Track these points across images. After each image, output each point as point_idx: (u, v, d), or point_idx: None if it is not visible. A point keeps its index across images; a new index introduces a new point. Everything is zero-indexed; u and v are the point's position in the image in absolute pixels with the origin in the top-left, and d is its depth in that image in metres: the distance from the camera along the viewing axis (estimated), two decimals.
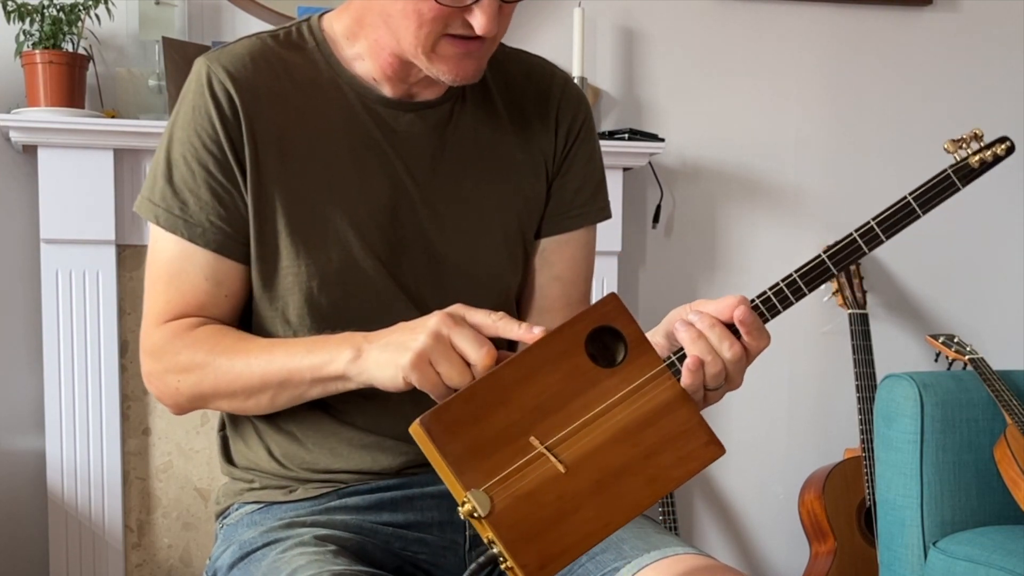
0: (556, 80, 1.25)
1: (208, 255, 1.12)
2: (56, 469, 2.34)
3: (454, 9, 1.04)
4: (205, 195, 1.11)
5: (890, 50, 2.93)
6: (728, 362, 0.98)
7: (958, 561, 2.06)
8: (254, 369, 1.08)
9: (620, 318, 0.96)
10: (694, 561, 1.04)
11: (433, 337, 0.95)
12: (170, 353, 1.12)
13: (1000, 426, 2.18)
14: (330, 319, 1.14)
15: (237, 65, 1.13)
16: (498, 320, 0.97)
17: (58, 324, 2.33)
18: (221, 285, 1.14)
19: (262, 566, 1.06)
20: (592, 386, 0.94)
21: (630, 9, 2.77)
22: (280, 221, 1.12)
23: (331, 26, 1.18)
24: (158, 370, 1.14)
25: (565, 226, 1.25)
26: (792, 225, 2.90)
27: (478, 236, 1.19)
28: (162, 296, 1.14)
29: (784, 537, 2.91)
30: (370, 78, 1.16)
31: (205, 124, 1.11)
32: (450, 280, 1.18)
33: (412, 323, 0.99)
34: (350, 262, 1.13)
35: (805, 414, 2.93)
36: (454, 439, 0.90)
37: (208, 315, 1.14)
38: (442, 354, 0.95)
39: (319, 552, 1.02)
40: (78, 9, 2.28)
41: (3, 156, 2.44)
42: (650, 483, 0.93)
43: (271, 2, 2.49)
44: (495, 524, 0.88)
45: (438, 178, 1.17)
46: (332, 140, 1.14)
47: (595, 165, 1.28)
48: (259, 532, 1.12)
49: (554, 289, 1.26)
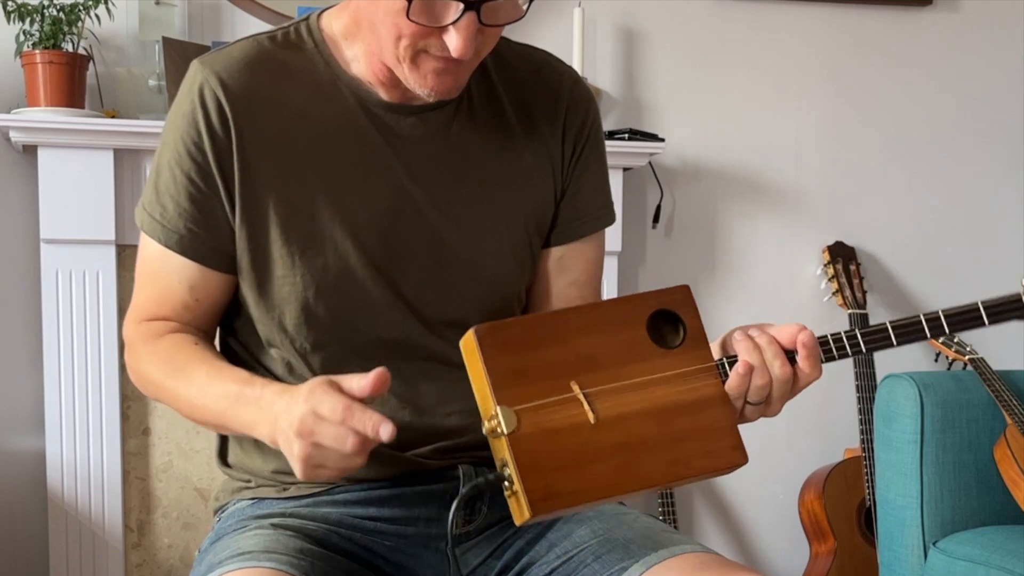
0: (565, 80, 1.23)
1: (184, 261, 1.13)
2: (56, 469, 2.34)
3: (431, 28, 1.01)
4: (184, 202, 1.11)
5: (890, 50, 2.93)
6: (776, 379, 1.00)
7: (958, 561, 2.06)
8: (195, 402, 1.10)
9: (687, 308, 1.00)
10: (703, 558, 1.03)
11: (304, 452, 0.95)
12: (134, 356, 1.16)
13: (1000, 426, 2.18)
14: (328, 328, 1.13)
15: (231, 71, 1.11)
16: (346, 418, 0.94)
17: (58, 324, 2.33)
18: (195, 290, 1.14)
19: (219, 544, 1.09)
20: (643, 359, 0.97)
21: (630, 9, 2.77)
22: (274, 230, 1.11)
23: (330, 25, 1.16)
24: (130, 364, 1.18)
25: (584, 231, 1.24)
26: (792, 225, 2.90)
27: (485, 240, 1.17)
28: (143, 292, 1.17)
29: (784, 537, 2.91)
30: (368, 80, 1.14)
31: (191, 131, 1.11)
32: (454, 285, 1.17)
33: (283, 421, 0.98)
34: (347, 270, 1.12)
35: (805, 414, 2.93)
36: (501, 355, 0.93)
37: (181, 319, 1.15)
38: (323, 459, 0.95)
39: (272, 534, 1.04)
40: (78, 9, 2.28)
41: (3, 156, 2.44)
42: (670, 464, 0.95)
43: (271, 2, 2.49)
44: (514, 444, 0.90)
45: (443, 181, 1.15)
46: (332, 144, 1.12)
47: (605, 167, 1.28)
48: (237, 520, 1.14)
49: (571, 293, 1.25)
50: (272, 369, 1.18)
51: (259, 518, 1.12)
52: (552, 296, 1.25)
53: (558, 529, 1.12)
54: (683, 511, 2.87)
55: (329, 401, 0.94)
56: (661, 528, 1.11)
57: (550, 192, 1.22)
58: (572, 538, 1.10)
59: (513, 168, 1.19)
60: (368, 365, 1.15)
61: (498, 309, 1.19)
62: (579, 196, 1.23)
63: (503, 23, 1.05)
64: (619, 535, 1.08)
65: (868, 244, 2.90)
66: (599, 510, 1.13)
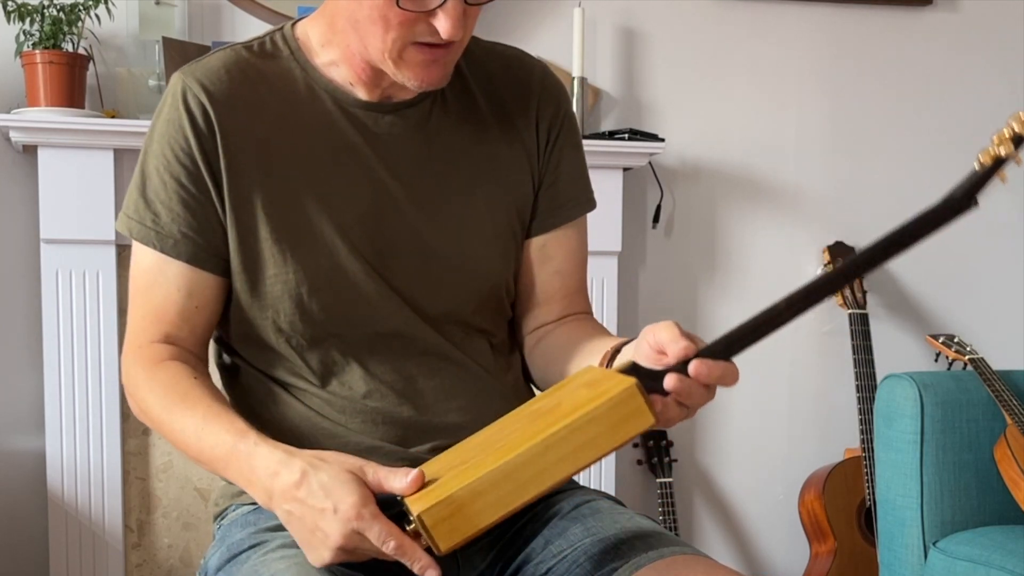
0: (535, 72, 1.25)
1: (181, 266, 1.13)
2: (56, 469, 2.34)
3: (419, 14, 1.04)
4: (177, 207, 1.12)
5: (890, 50, 2.93)
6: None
7: (958, 561, 2.06)
8: (190, 443, 1.09)
9: None
10: (692, 561, 1.03)
11: (339, 551, 0.96)
12: (133, 384, 1.16)
13: (1000, 426, 2.18)
14: (323, 324, 1.14)
15: (212, 78, 1.13)
16: (394, 550, 0.95)
17: (58, 324, 2.33)
18: (192, 297, 1.14)
19: (244, 568, 1.06)
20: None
21: (630, 9, 2.77)
22: (263, 230, 1.12)
23: (305, 33, 1.18)
24: (129, 391, 1.17)
25: (564, 218, 1.26)
26: (792, 225, 2.90)
27: (469, 233, 1.19)
28: (139, 311, 1.16)
29: (784, 537, 2.91)
30: (346, 83, 1.16)
31: (178, 137, 1.12)
32: (443, 278, 1.18)
33: (309, 517, 0.98)
34: (338, 266, 1.13)
35: (805, 414, 2.93)
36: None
37: (180, 334, 1.15)
38: (357, 555, 0.97)
39: (299, 555, 1.02)
40: (78, 9, 2.28)
41: (3, 156, 2.44)
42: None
43: (271, 2, 2.49)
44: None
45: (424, 177, 1.17)
46: (312, 146, 1.14)
47: (581, 153, 1.29)
48: (248, 533, 1.12)
49: (555, 283, 1.27)
50: (278, 377, 1.18)
51: (271, 531, 1.11)
52: (536, 284, 1.26)
53: (554, 526, 1.12)
54: (683, 511, 2.87)
55: (376, 529, 0.95)
56: (654, 529, 1.11)
57: (528, 183, 1.23)
58: (567, 536, 1.10)
59: (491, 161, 1.21)
60: (366, 361, 1.16)
61: (487, 300, 1.21)
62: (557, 184, 1.25)
63: (484, 1, 1.07)
64: (612, 535, 1.08)
65: None
66: (595, 508, 1.13)
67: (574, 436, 0.89)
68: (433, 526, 0.90)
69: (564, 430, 0.89)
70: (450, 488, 0.90)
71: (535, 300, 1.27)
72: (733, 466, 2.89)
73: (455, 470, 0.93)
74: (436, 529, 0.90)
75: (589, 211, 1.29)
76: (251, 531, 1.12)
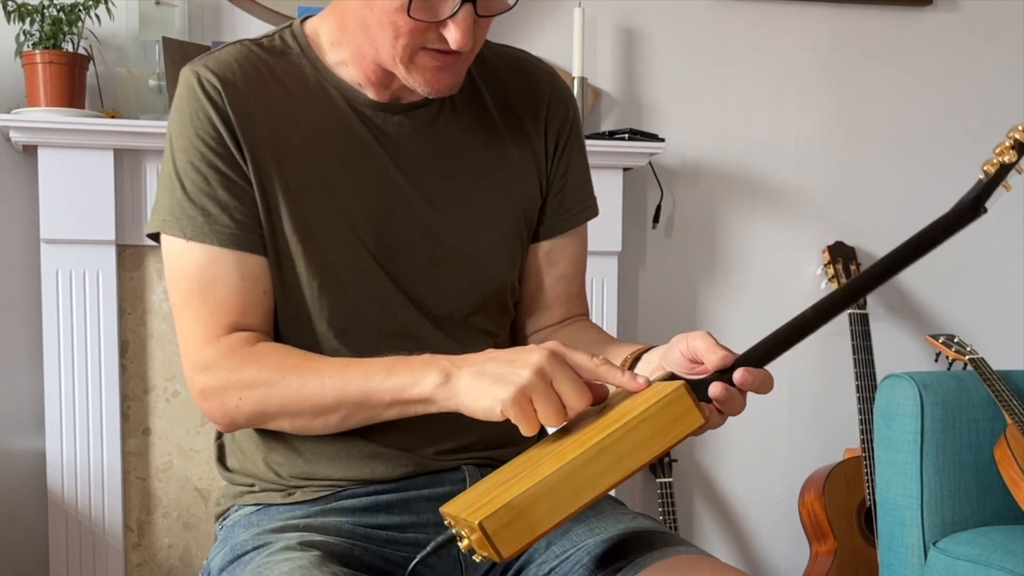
0: (544, 76, 1.25)
1: (238, 255, 1.10)
2: (56, 469, 2.34)
3: (430, 23, 1.03)
4: (223, 195, 1.10)
5: (890, 50, 2.93)
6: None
7: (958, 561, 2.06)
8: (328, 388, 1.05)
9: None
10: (696, 560, 1.03)
11: (537, 375, 0.93)
12: (228, 369, 1.08)
13: (1000, 426, 2.18)
14: (331, 320, 1.14)
15: (225, 70, 1.12)
16: (600, 365, 0.96)
17: (58, 324, 2.33)
18: (256, 282, 1.12)
19: (248, 569, 1.05)
20: None
21: (630, 9, 2.77)
22: (284, 218, 1.12)
23: (314, 30, 1.18)
24: (216, 387, 1.09)
25: (570, 223, 1.26)
26: (792, 225, 2.90)
27: (477, 233, 1.19)
28: (202, 311, 1.10)
29: (784, 537, 2.91)
30: (355, 83, 1.16)
31: (205, 126, 1.10)
32: (449, 276, 1.18)
33: (510, 355, 0.97)
34: (348, 262, 1.13)
35: (805, 414, 2.93)
36: None
37: (251, 319, 1.12)
38: (544, 393, 0.94)
39: (303, 557, 1.02)
40: (78, 9, 2.28)
41: (3, 156, 2.44)
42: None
43: (271, 2, 2.49)
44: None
45: (433, 177, 1.17)
46: (322, 143, 1.14)
47: (586, 161, 1.30)
48: (252, 534, 1.11)
49: (559, 287, 1.27)
50: None
51: (275, 532, 1.10)
52: (540, 289, 1.27)
53: None
54: (683, 511, 2.87)
55: (579, 353, 0.96)
56: (657, 529, 1.11)
57: (536, 186, 1.24)
58: (570, 536, 1.10)
59: (499, 162, 1.21)
60: None
61: (493, 300, 1.22)
62: (565, 190, 1.26)
63: (495, 13, 1.07)
64: (615, 535, 1.08)
65: (868, 244, 2.90)
66: (597, 508, 1.13)
67: (627, 438, 0.91)
68: (495, 532, 0.90)
69: (618, 432, 0.91)
70: (508, 496, 0.90)
71: (539, 303, 1.28)
72: (733, 466, 2.89)
73: (508, 483, 0.94)
74: (498, 536, 0.90)
75: (593, 217, 1.30)
76: (255, 532, 1.12)
